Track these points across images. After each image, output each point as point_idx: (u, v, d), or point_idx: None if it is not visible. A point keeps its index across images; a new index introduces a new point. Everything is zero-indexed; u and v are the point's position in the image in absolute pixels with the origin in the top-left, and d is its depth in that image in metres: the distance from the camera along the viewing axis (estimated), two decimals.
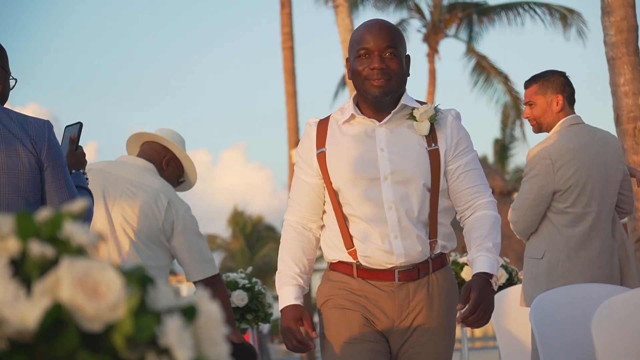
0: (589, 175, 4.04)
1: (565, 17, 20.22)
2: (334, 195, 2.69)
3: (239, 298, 4.61)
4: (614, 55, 5.31)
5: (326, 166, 2.70)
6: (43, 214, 0.91)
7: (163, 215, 3.61)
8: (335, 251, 2.71)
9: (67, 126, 3.16)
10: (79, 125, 3.11)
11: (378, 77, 2.62)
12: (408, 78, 2.73)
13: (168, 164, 3.82)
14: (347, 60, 2.73)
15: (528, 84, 4.22)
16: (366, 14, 21.19)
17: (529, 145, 28.43)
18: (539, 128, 4.20)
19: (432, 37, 21.03)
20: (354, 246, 2.67)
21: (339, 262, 2.71)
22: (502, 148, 29.08)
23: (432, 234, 2.67)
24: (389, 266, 2.64)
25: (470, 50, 21.76)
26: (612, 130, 5.04)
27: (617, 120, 5.34)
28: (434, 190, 2.66)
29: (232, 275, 4.66)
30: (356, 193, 2.64)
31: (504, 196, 23.23)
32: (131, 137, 3.89)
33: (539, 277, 4.04)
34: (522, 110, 19.42)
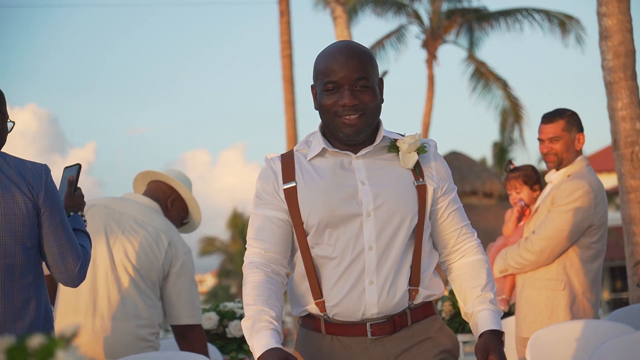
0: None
1: (564, 23, 20.25)
2: (303, 235, 2.34)
3: (236, 328, 4.56)
4: (612, 80, 5.30)
5: (297, 202, 2.34)
6: (35, 341, 0.91)
7: (163, 256, 3.64)
8: (303, 303, 2.39)
9: (65, 168, 3.16)
10: (78, 167, 3.10)
11: (350, 114, 2.31)
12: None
13: (173, 204, 3.84)
14: (313, 87, 2.41)
15: (552, 119, 4.11)
16: (365, 21, 21.35)
17: (527, 149, 28.40)
18: (559, 163, 4.11)
19: (431, 43, 21.06)
20: (322, 296, 2.34)
21: (308, 315, 2.40)
22: (501, 151, 29.06)
23: (414, 280, 2.35)
24: (360, 317, 2.32)
25: (470, 57, 21.76)
26: (610, 153, 5.06)
27: (615, 145, 5.32)
28: (420, 229, 2.36)
29: (230, 305, 4.63)
30: (332, 232, 2.32)
31: (502, 200, 23.23)
32: (138, 175, 3.91)
33: (556, 308, 3.99)
34: (521, 115, 19.08)
